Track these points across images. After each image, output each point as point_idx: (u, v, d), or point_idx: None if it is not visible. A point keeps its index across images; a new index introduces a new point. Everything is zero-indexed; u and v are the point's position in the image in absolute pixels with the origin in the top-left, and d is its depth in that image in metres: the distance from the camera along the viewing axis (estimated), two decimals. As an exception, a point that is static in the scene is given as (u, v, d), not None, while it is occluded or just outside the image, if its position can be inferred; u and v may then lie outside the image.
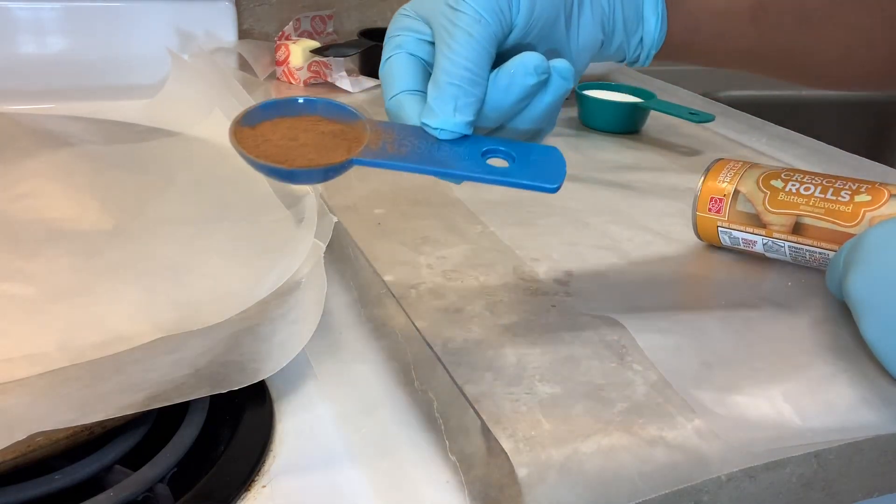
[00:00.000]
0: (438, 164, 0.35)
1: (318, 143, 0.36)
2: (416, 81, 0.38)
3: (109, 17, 0.82)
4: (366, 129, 0.36)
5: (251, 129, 0.36)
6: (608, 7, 0.40)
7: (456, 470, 0.37)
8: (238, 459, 0.38)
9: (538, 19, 0.37)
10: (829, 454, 0.37)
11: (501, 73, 0.35)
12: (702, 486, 0.35)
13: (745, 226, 0.50)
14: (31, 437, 0.33)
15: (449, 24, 0.35)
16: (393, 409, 0.42)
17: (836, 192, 0.47)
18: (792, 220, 0.48)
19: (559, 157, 0.37)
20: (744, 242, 0.51)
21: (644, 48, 0.43)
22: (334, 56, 0.85)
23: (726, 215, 0.50)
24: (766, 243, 0.49)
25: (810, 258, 0.48)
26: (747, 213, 0.50)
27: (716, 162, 0.52)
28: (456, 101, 0.35)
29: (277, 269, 0.48)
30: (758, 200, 0.49)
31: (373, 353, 0.46)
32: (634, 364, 0.41)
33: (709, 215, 0.51)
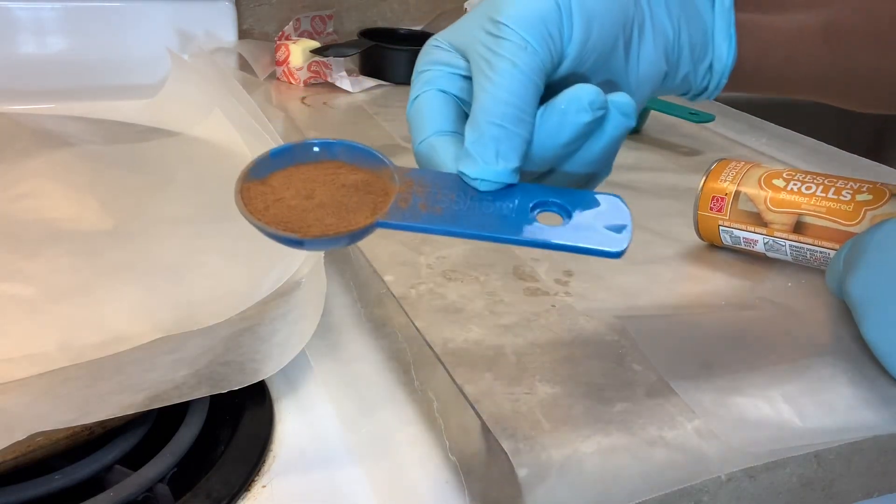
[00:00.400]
0: (481, 225, 0.30)
1: (337, 202, 0.31)
2: (450, 122, 0.33)
3: (109, 17, 0.82)
4: (393, 179, 0.31)
5: (261, 183, 0.32)
6: (673, 33, 0.35)
7: (456, 470, 0.37)
8: (238, 459, 0.38)
9: (594, 48, 0.32)
10: (829, 454, 0.37)
11: (550, 110, 0.30)
12: (702, 486, 0.35)
13: (747, 225, 0.50)
14: (31, 437, 0.33)
15: (489, 53, 0.31)
16: (393, 409, 0.42)
17: (837, 191, 0.47)
18: (793, 218, 0.48)
19: (622, 208, 0.31)
20: (745, 241, 0.51)
21: (713, 77, 0.38)
22: (334, 56, 0.85)
23: (728, 214, 0.50)
24: (768, 242, 0.49)
25: (811, 257, 0.48)
26: (749, 213, 0.50)
27: (717, 162, 0.52)
28: (498, 144, 0.30)
29: (277, 269, 0.48)
30: (759, 199, 0.49)
31: (373, 353, 0.46)
32: (634, 364, 0.41)
33: (710, 214, 0.51)
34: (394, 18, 1.03)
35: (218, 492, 0.36)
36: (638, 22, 0.34)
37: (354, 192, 0.31)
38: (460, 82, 0.34)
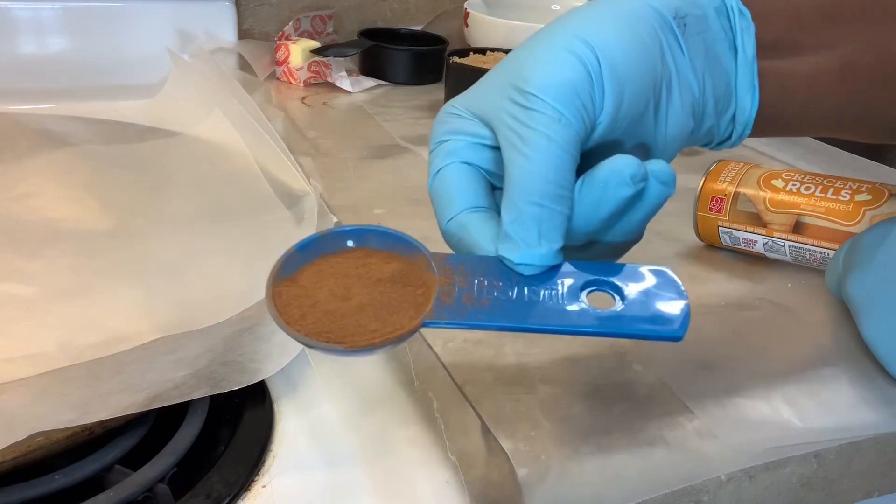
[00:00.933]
0: (532, 317, 0.28)
1: (377, 302, 0.29)
2: (480, 197, 0.32)
3: (109, 17, 0.82)
4: (430, 268, 0.30)
5: (291, 282, 0.30)
6: (698, 89, 0.34)
7: (456, 470, 0.37)
8: (238, 459, 0.38)
9: (626, 114, 0.31)
10: (829, 454, 0.37)
11: (589, 184, 0.29)
12: (702, 486, 0.35)
13: (746, 225, 0.50)
14: (31, 437, 0.33)
15: (519, 126, 0.29)
16: (393, 409, 0.42)
17: (836, 191, 0.48)
18: (792, 219, 0.48)
19: (674, 283, 0.30)
20: (744, 242, 0.51)
21: (736, 128, 0.37)
22: (334, 56, 0.85)
23: (727, 215, 0.50)
24: (767, 243, 0.50)
25: (810, 258, 0.48)
26: (748, 213, 0.50)
27: (717, 163, 0.53)
28: (540, 224, 0.28)
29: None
30: (758, 200, 0.49)
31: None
32: (634, 364, 0.41)
33: (710, 215, 0.51)
34: (394, 18, 1.03)
35: (218, 492, 0.36)
36: (665, 81, 0.32)
37: (392, 286, 0.29)
38: (485, 153, 0.32)
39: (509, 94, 0.30)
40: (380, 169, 0.63)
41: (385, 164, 0.64)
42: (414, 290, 0.29)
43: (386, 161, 0.65)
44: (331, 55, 0.85)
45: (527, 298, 0.29)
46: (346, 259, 0.30)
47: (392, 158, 0.65)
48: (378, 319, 0.28)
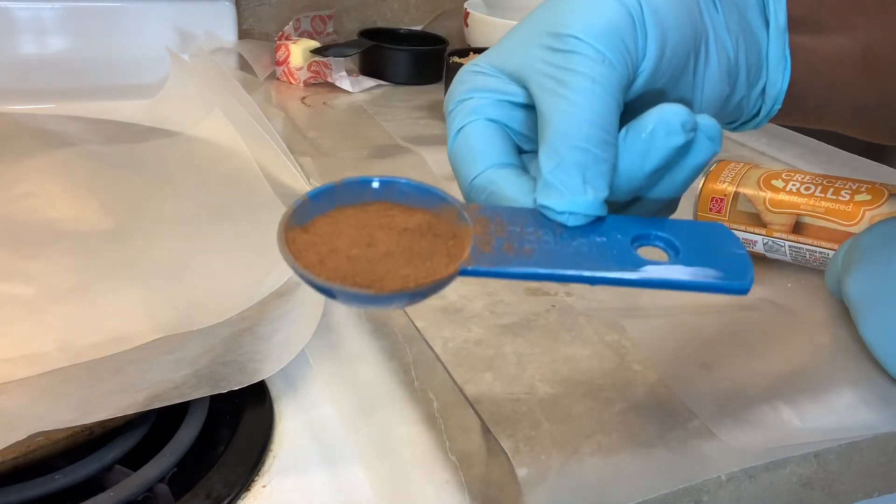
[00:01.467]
0: (585, 265, 0.26)
1: (406, 249, 0.26)
2: (507, 154, 0.30)
3: (109, 17, 0.82)
4: (460, 219, 0.27)
5: (303, 231, 0.27)
6: (733, 53, 0.32)
7: (456, 469, 0.37)
8: (238, 459, 0.38)
9: (668, 64, 0.29)
10: (829, 454, 0.37)
11: (635, 133, 0.27)
12: (702, 486, 0.35)
13: (746, 225, 0.50)
14: (31, 437, 0.33)
15: (558, 70, 0.27)
16: (393, 409, 0.42)
17: (836, 191, 0.48)
18: (792, 219, 0.48)
19: (731, 236, 0.28)
20: (743, 242, 0.50)
21: (766, 103, 0.34)
22: (334, 56, 0.85)
23: (727, 215, 0.51)
24: (767, 243, 0.50)
25: (810, 258, 0.49)
26: (748, 213, 0.50)
27: (716, 163, 0.53)
28: (584, 171, 0.26)
29: (277, 269, 0.48)
30: (758, 200, 0.49)
31: (373, 353, 0.46)
32: (634, 364, 0.41)
33: (709, 215, 0.51)
34: (394, 18, 1.03)
35: (218, 492, 0.36)
36: (704, 38, 0.30)
37: (420, 236, 0.26)
38: (512, 111, 0.30)
39: (543, 42, 0.28)
40: (380, 169, 0.63)
41: (385, 165, 0.64)
42: (445, 241, 0.26)
43: (386, 161, 0.65)
44: (331, 55, 0.85)
45: (574, 248, 0.26)
46: (364, 211, 0.27)
47: (392, 158, 0.65)
48: (410, 265, 0.25)
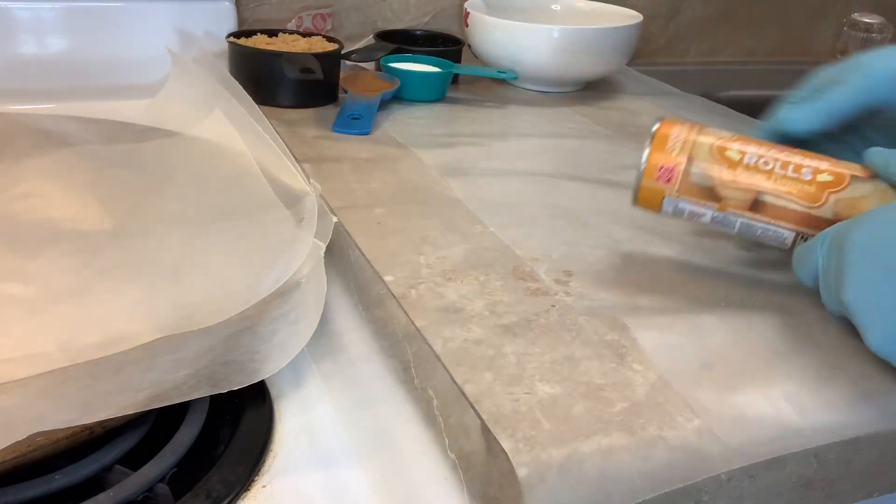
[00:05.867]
0: None
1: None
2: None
3: (109, 17, 0.82)
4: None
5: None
6: None
7: (455, 467, 0.37)
8: (238, 459, 0.38)
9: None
10: (829, 454, 0.37)
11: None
12: (702, 485, 0.35)
13: (697, 198, 0.47)
14: (31, 437, 0.33)
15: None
16: (392, 407, 0.42)
17: (796, 168, 0.45)
18: (752, 196, 0.46)
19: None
20: (690, 214, 0.48)
21: None
22: (361, 61, 0.85)
23: (677, 185, 0.47)
24: (717, 217, 0.47)
25: (761, 235, 0.47)
26: (702, 187, 0.47)
27: (659, 123, 0.48)
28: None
29: (277, 269, 0.48)
30: (714, 174, 0.46)
31: (373, 353, 0.46)
32: (634, 364, 0.41)
33: (656, 185, 0.47)
34: (394, 18, 1.03)
35: (218, 492, 0.36)
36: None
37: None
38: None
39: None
40: (380, 169, 0.63)
41: (385, 165, 0.64)
42: None
43: (386, 161, 0.65)
44: (359, 60, 0.85)
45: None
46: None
47: (392, 159, 0.66)
48: None
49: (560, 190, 0.62)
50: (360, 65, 0.87)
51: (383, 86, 0.79)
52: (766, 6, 1.27)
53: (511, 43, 0.85)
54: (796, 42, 1.32)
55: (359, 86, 0.80)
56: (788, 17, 1.30)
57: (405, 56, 0.85)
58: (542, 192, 0.61)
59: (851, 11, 1.24)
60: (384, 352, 0.45)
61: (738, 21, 1.26)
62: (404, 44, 0.88)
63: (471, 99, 0.84)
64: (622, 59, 0.89)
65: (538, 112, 0.83)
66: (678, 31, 1.23)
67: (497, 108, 0.83)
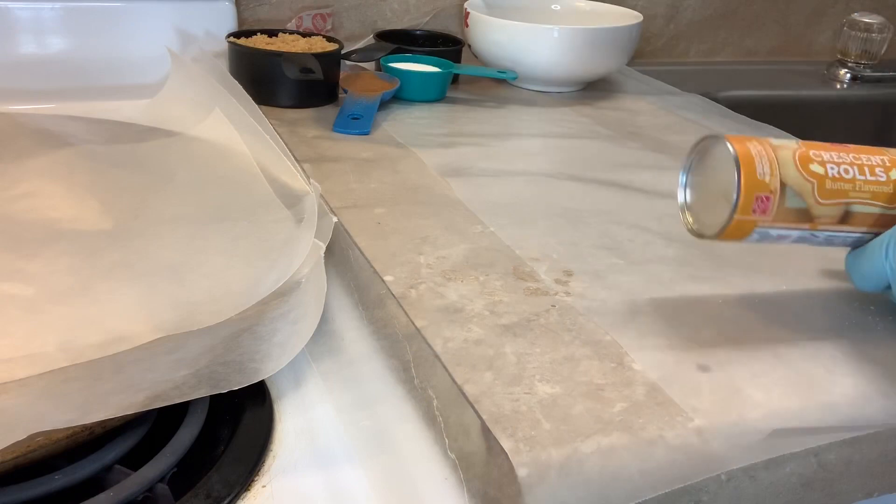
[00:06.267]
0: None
1: None
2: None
3: (109, 17, 0.82)
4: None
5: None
6: None
7: (455, 467, 0.37)
8: (238, 459, 0.38)
9: None
10: (829, 454, 0.37)
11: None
12: (702, 485, 0.35)
13: (792, 223, 0.42)
14: (31, 437, 0.33)
15: None
16: (392, 407, 0.42)
17: (871, 170, 0.43)
18: (842, 209, 0.42)
19: None
20: (777, 238, 0.43)
21: None
22: (362, 61, 0.85)
23: (772, 216, 0.42)
24: (804, 236, 0.43)
25: (841, 242, 0.44)
26: (796, 210, 0.42)
27: (733, 144, 0.42)
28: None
29: (277, 269, 0.48)
30: (807, 192, 0.42)
31: (373, 353, 0.46)
32: (634, 364, 0.41)
33: (751, 217, 0.42)
34: (394, 18, 1.03)
35: (218, 492, 0.36)
36: None
37: None
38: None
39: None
40: (380, 169, 0.63)
41: (385, 165, 0.64)
42: None
43: (386, 161, 0.65)
44: (359, 60, 0.85)
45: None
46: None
47: (392, 159, 0.66)
48: None
49: (560, 190, 0.62)
50: (360, 65, 0.87)
51: (383, 86, 0.79)
52: (766, 6, 1.27)
53: (511, 43, 0.85)
54: (796, 42, 1.32)
55: (359, 86, 0.80)
56: (788, 17, 1.30)
57: (405, 56, 0.85)
58: (542, 192, 0.61)
59: (851, 11, 1.24)
60: (384, 352, 0.45)
61: (738, 21, 1.26)
62: (404, 44, 0.88)
63: (471, 99, 0.84)
64: (622, 59, 0.89)
65: (538, 112, 0.83)
66: (678, 31, 1.23)
67: (497, 108, 0.83)
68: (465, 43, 0.91)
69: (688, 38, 1.24)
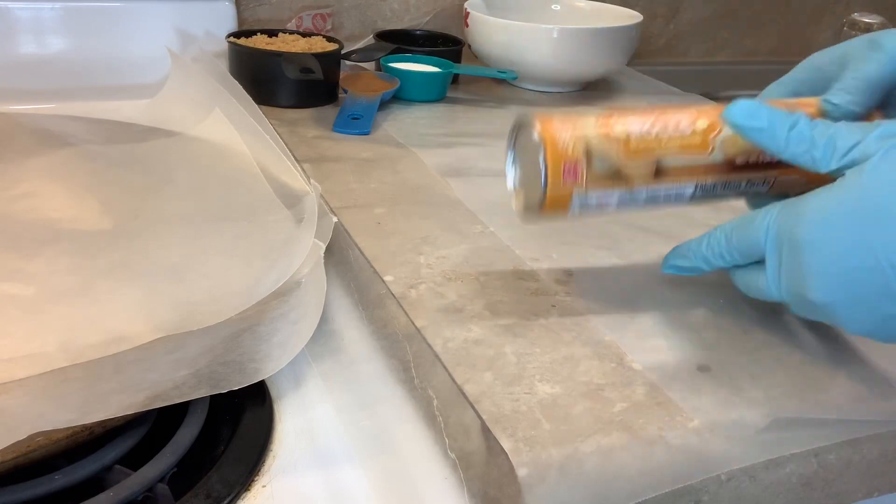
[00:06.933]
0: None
1: None
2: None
3: (109, 17, 0.82)
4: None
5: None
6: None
7: (455, 467, 0.37)
8: (238, 459, 0.38)
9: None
10: (829, 454, 0.38)
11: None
12: (702, 485, 0.35)
13: (606, 185, 0.43)
14: (31, 437, 0.33)
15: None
16: (392, 407, 0.42)
17: (675, 125, 0.43)
18: (652, 165, 0.43)
19: None
20: (598, 206, 0.44)
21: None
22: (361, 61, 0.85)
23: (584, 182, 0.43)
24: (624, 197, 0.44)
25: (664, 199, 0.45)
26: (606, 172, 0.43)
27: (537, 126, 0.43)
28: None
29: (277, 269, 0.48)
30: (613, 153, 0.43)
31: (373, 353, 0.46)
32: (634, 364, 0.41)
33: (565, 188, 0.43)
34: (394, 18, 1.03)
35: (218, 492, 0.36)
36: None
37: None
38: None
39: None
40: (380, 169, 0.63)
41: (385, 165, 0.64)
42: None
43: (386, 161, 0.65)
44: (359, 60, 0.85)
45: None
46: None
47: (392, 159, 0.66)
48: None
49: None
50: (360, 65, 0.87)
51: (383, 86, 0.79)
52: (766, 6, 1.27)
53: (511, 43, 0.85)
54: (796, 42, 1.32)
55: (359, 86, 0.80)
56: (788, 17, 1.30)
57: (405, 56, 0.85)
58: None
59: (851, 11, 1.24)
60: (384, 352, 0.45)
61: (738, 21, 1.26)
62: (404, 44, 0.88)
63: (471, 99, 0.84)
64: (622, 59, 0.89)
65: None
66: (678, 31, 1.23)
67: (497, 108, 0.83)
68: (465, 43, 0.91)
69: (688, 38, 1.25)
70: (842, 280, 0.36)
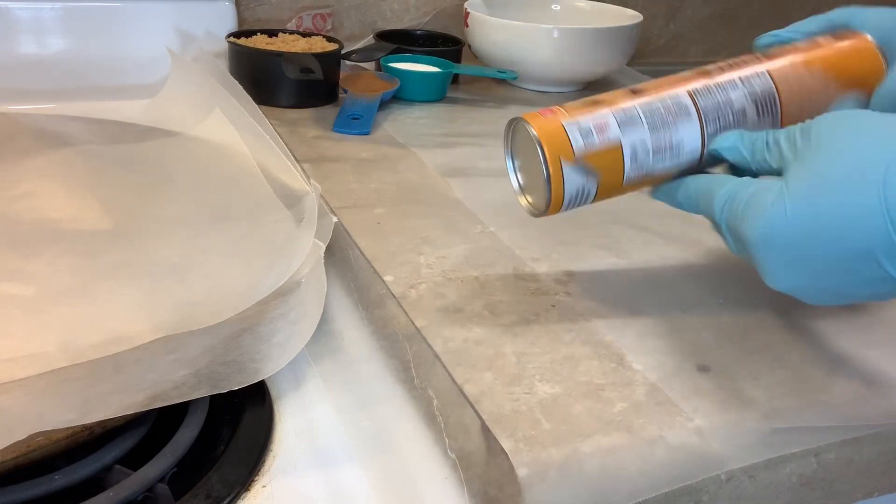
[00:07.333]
0: None
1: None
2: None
3: (109, 17, 0.82)
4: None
5: None
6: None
7: (455, 466, 0.37)
8: (238, 459, 0.38)
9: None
10: (829, 454, 0.38)
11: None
12: (702, 485, 0.35)
13: (588, 110, 0.44)
14: (31, 437, 0.33)
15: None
16: (392, 406, 0.42)
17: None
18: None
19: None
20: (597, 131, 0.43)
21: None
22: (361, 61, 0.85)
23: (565, 110, 0.44)
24: (618, 116, 0.43)
25: (665, 113, 0.43)
26: (583, 103, 0.44)
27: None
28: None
29: (277, 269, 0.48)
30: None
31: (373, 353, 0.46)
32: (634, 364, 0.41)
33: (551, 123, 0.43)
34: (394, 18, 1.03)
35: (218, 492, 0.36)
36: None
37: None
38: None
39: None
40: (380, 169, 0.63)
41: (385, 165, 0.64)
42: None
43: (386, 161, 0.65)
44: (359, 60, 0.85)
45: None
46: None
47: (392, 159, 0.66)
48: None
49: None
50: (360, 65, 0.87)
51: (383, 86, 0.79)
52: (766, 6, 1.27)
53: (511, 43, 0.85)
54: (796, 42, 1.32)
55: (359, 86, 0.80)
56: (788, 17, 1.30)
57: (405, 56, 0.85)
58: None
59: (851, 11, 1.24)
60: (384, 352, 0.45)
61: (738, 21, 1.26)
62: (404, 44, 0.88)
63: (471, 99, 0.84)
64: (622, 59, 0.89)
65: (538, 112, 0.83)
66: (678, 31, 1.23)
67: (497, 108, 0.83)
68: (465, 43, 0.91)
69: (688, 38, 1.24)
70: (794, 273, 0.36)
